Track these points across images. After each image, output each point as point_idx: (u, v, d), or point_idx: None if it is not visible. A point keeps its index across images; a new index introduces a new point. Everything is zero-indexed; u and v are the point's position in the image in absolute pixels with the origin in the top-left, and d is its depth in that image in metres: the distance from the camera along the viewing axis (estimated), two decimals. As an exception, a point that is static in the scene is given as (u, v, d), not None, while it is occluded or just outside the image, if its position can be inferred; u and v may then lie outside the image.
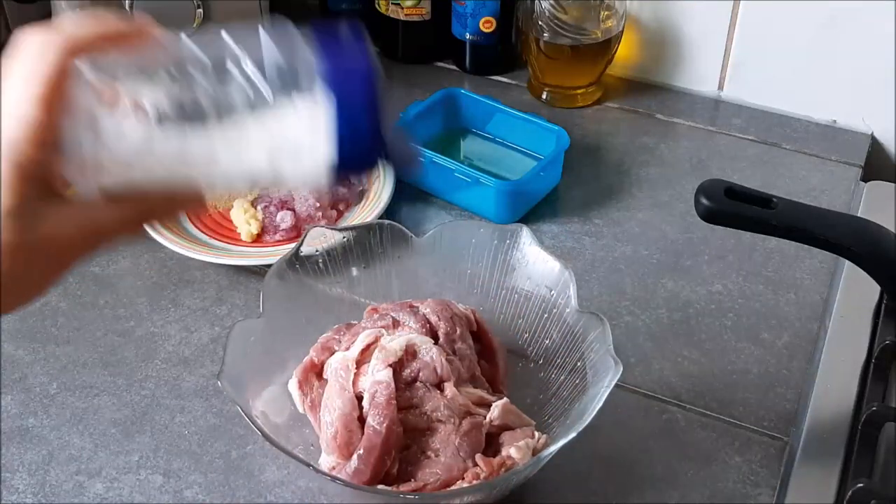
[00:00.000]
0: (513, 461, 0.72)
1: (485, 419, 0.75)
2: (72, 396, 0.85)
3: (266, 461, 0.80)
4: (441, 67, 1.24)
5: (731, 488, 0.79)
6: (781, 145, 1.13)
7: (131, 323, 0.92)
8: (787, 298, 0.95)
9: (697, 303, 0.94)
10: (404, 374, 0.76)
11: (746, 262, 0.98)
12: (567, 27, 1.12)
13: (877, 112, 1.12)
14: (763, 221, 0.81)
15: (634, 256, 0.99)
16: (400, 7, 1.19)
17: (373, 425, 0.73)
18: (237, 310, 0.93)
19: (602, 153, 1.11)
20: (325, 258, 0.85)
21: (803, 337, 0.91)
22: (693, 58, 1.18)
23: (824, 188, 1.07)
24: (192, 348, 0.90)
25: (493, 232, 0.86)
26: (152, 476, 0.80)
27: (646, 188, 1.07)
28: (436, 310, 0.80)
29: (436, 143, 1.07)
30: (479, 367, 0.80)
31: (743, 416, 0.84)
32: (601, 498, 0.78)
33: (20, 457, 0.81)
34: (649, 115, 1.17)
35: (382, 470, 0.73)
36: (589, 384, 0.76)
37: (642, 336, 0.91)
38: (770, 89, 1.16)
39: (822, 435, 0.81)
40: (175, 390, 0.86)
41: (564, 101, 1.18)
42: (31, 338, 0.90)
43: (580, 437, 0.71)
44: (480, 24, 1.17)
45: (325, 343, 0.81)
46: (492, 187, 0.99)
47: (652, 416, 0.84)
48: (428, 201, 1.05)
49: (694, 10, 1.15)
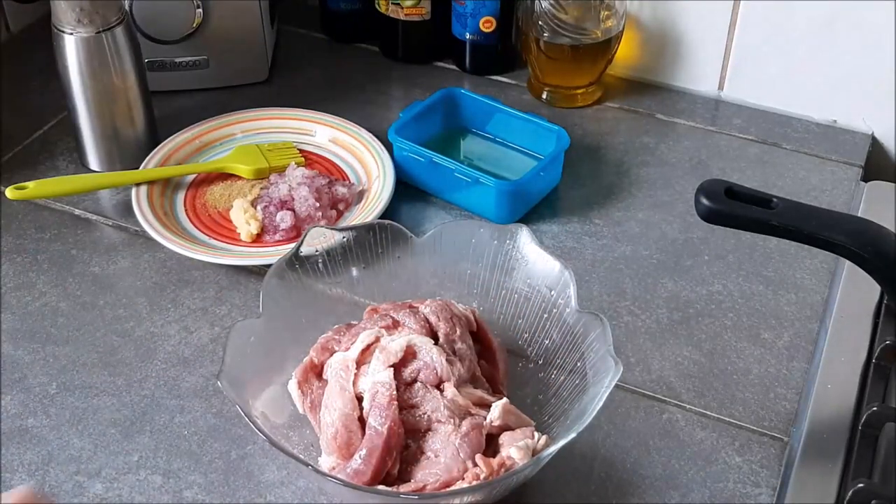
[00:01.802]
0: (513, 461, 0.72)
1: (485, 420, 0.75)
2: (71, 396, 0.85)
3: (266, 461, 0.80)
4: (441, 67, 1.24)
5: (731, 488, 0.79)
6: (781, 145, 1.13)
7: (131, 323, 0.92)
8: (787, 298, 0.95)
9: (697, 303, 0.94)
10: (404, 374, 0.76)
11: (746, 262, 0.98)
12: (567, 27, 1.12)
13: (877, 112, 1.12)
14: (763, 221, 0.80)
15: (634, 256, 0.99)
16: (400, 7, 1.19)
17: (374, 426, 0.73)
18: (237, 310, 0.93)
19: (602, 153, 1.11)
20: (324, 258, 0.85)
21: (803, 337, 0.91)
22: (693, 58, 1.18)
23: (824, 188, 1.07)
24: (191, 348, 0.90)
25: (492, 232, 0.86)
26: (152, 476, 0.80)
27: (646, 188, 1.07)
28: (435, 310, 0.80)
29: (436, 143, 1.07)
30: (479, 368, 0.80)
31: (743, 416, 0.84)
32: (601, 498, 0.78)
33: (20, 457, 0.81)
34: (649, 115, 1.17)
35: (383, 470, 0.73)
36: (589, 384, 0.76)
37: (642, 336, 0.91)
38: (770, 89, 1.16)
39: (822, 435, 0.81)
40: (175, 390, 0.86)
41: (564, 101, 1.18)
42: (31, 338, 0.90)
43: (580, 437, 0.71)
44: (480, 24, 1.17)
45: (324, 343, 0.81)
46: (492, 187, 0.99)
47: (652, 416, 0.84)
48: (428, 201, 1.05)
49: (694, 10, 1.15)
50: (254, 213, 1.00)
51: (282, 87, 1.21)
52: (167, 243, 0.96)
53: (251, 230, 0.99)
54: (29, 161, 1.09)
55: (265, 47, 1.19)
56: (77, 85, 1.01)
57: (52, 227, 1.01)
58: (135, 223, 1.00)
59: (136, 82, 1.04)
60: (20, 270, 0.97)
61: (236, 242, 0.99)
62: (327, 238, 0.85)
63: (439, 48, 1.23)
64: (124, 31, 1.01)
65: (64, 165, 1.09)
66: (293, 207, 0.99)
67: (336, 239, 0.86)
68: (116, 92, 1.03)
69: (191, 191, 1.05)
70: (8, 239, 1.00)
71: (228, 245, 0.99)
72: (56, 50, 1.00)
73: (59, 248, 0.99)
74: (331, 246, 0.85)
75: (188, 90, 1.18)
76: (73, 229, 1.01)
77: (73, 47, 0.99)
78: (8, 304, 0.93)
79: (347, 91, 1.20)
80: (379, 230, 0.86)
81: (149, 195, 1.01)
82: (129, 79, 1.03)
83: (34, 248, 0.99)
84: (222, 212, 1.02)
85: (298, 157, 1.08)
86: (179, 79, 1.17)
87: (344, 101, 1.17)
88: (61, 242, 1.00)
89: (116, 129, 1.05)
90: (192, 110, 1.14)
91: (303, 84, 1.21)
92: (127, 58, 1.02)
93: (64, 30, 0.99)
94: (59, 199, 1.04)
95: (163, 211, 1.01)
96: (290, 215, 0.98)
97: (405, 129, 1.05)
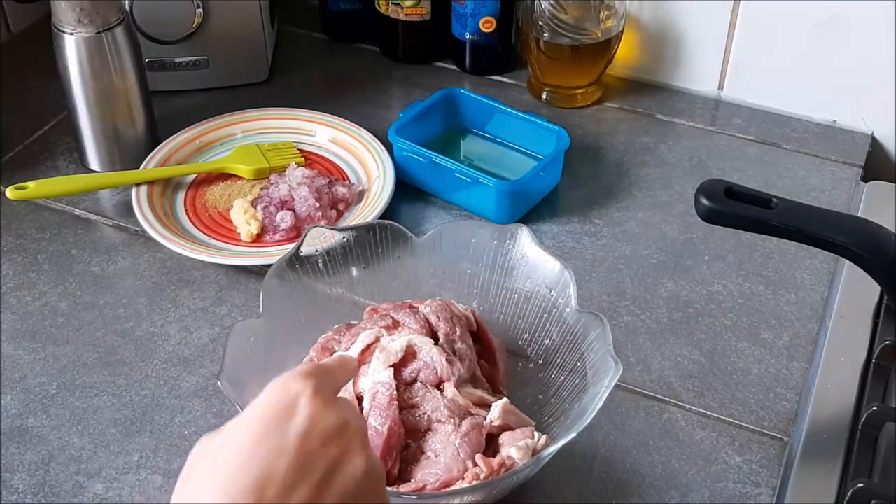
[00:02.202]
0: (513, 461, 0.72)
1: (485, 420, 0.75)
2: (72, 396, 0.85)
3: (266, 461, 0.80)
4: (441, 67, 1.24)
5: (731, 488, 0.79)
6: (781, 145, 1.13)
7: (131, 323, 0.92)
8: (787, 298, 0.95)
9: (697, 303, 0.94)
10: (404, 374, 0.76)
11: (746, 262, 0.98)
12: (567, 27, 1.12)
13: (877, 112, 1.12)
14: (763, 221, 0.81)
15: (634, 256, 0.99)
16: (400, 7, 1.19)
17: (375, 426, 0.73)
18: (237, 310, 0.93)
19: (602, 153, 1.11)
20: (324, 258, 0.85)
21: (803, 337, 0.91)
22: (693, 58, 1.18)
23: (824, 188, 1.07)
24: (191, 348, 0.90)
25: (492, 232, 0.86)
26: (152, 476, 0.80)
27: (645, 188, 1.07)
28: (435, 310, 0.80)
29: (436, 143, 1.07)
30: (479, 368, 0.80)
31: (743, 416, 0.84)
32: (601, 498, 0.78)
33: (20, 457, 0.81)
34: (649, 115, 1.17)
35: (384, 471, 0.73)
36: (589, 384, 0.76)
37: (642, 336, 0.91)
38: (770, 89, 1.16)
39: (822, 435, 0.81)
40: (175, 390, 0.86)
41: (564, 101, 1.18)
42: (31, 338, 0.90)
43: (580, 437, 0.71)
44: (480, 24, 1.17)
45: (324, 343, 0.81)
46: (492, 187, 0.99)
47: (652, 416, 0.84)
48: (428, 201, 1.05)
49: (694, 10, 1.15)
50: (254, 213, 1.00)
51: (282, 87, 1.21)
52: (167, 243, 0.96)
53: (251, 230, 0.99)
54: (29, 161, 1.09)
55: (265, 47, 1.19)
56: (77, 85, 1.01)
57: (52, 227, 1.01)
58: (135, 223, 1.00)
59: (137, 82, 1.04)
60: (20, 270, 0.97)
61: (236, 242, 0.99)
62: (327, 238, 0.85)
63: (439, 48, 1.23)
64: (124, 31, 1.01)
65: (64, 165, 1.09)
66: (293, 207, 0.99)
67: (336, 239, 0.86)
68: (116, 92, 1.03)
69: (191, 191, 1.05)
70: (8, 239, 1.00)
71: (228, 245, 0.99)
72: (56, 50, 1.00)
73: (59, 248, 0.99)
74: (331, 246, 0.85)
75: (188, 90, 1.18)
76: (73, 229, 1.01)
77: (73, 47, 0.99)
78: (8, 304, 0.93)
79: (347, 91, 1.20)
80: (379, 230, 0.86)
81: (149, 195, 1.01)
82: (129, 79, 1.03)
83: (34, 248, 0.99)
84: (222, 212, 1.02)
85: (298, 157, 1.08)
86: (179, 79, 1.17)
87: (344, 101, 1.17)
88: (61, 242, 1.00)
89: (116, 129, 1.05)
90: (192, 110, 1.14)
91: (303, 84, 1.21)
92: (127, 58, 1.02)
93: (64, 30, 0.99)
94: (59, 199, 1.04)
95: (163, 211, 1.01)
96: (290, 215, 0.98)
97: (405, 129, 1.05)
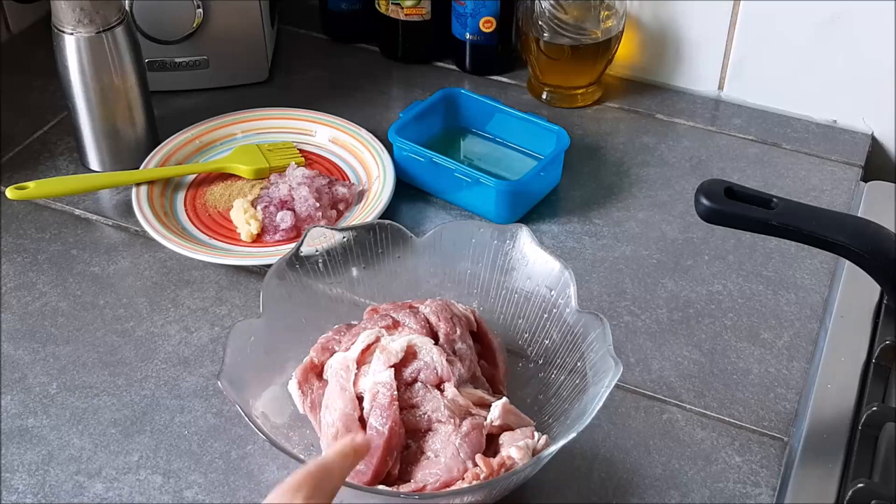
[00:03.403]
0: (513, 461, 0.72)
1: (485, 420, 0.75)
2: (72, 396, 0.85)
3: (266, 461, 0.80)
4: (441, 67, 1.24)
5: (731, 488, 0.79)
6: (781, 145, 1.13)
7: (131, 323, 0.92)
8: (787, 298, 0.95)
9: (697, 303, 0.94)
10: (405, 374, 0.76)
11: (746, 262, 0.98)
12: (567, 27, 1.12)
13: (877, 112, 1.12)
14: (763, 221, 0.81)
15: (634, 256, 0.99)
16: (400, 7, 1.19)
17: (375, 426, 0.73)
18: (237, 310, 0.93)
19: (602, 153, 1.11)
20: (324, 258, 0.85)
21: (803, 337, 0.91)
22: (693, 58, 1.18)
23: (824, 188, 1.07)
24: (191, 348, 0.90)
25: (492, 232, 0.86)
26: (152, 476, 0.80)
27: (645, 188, 1.07)
28: (436, 310, 0.80)
29: (436, 143, 1.07)
30: (479, 368, 0.80)
31: (743, 416, 0.84)
32: (601, 498, 0.78)
33: (20, 457, 0.81)
34: (649, 115, 1.17)
35: (384, 471, 0.73)
36: (589, 384, 0.76)
37: (642, 336, 0.91)
38: (770, 89, 1.16)
39: (822, 435, 0.81)
40: (175, 390, 0.86)
41: (564, 101, 1.18)
42: (31, 338, 0.90)
43: (580, 437, 0.71)
44: (480, 24, 1.17)
45: (325, 343, 0.81)
46: (492, 187, 0.99)
47: (652, 416, 0.84)
48: (428, 201, 1.05)
49: (694, 10, 1.15)
50: (254, 213, 1.00)
51: (282, 87, 1.21)
52: (167, 243, 0.96)
53: (251, 230, 0.99)
54: (29, 161, 1.09)
55: (265, 47, 1.19)
56: (77, 85, 1.01)
57: (52, 227, 1.01)
58: (135, 223, 1.00)
59: (137, 82, 1.04)
60: (20, 270, 0.97)
61: (236, 242, 0.99)
62: (327, 238, 0.85)
63: (439, 48, 1.23)
64: (124, 31, 1.01)
65: (64, 165, 1.09)
66: (293, 207, 0.99)
67: (336, 239, 0.86)
68: (116, 92, 1.03)
69: (191, 191, 1.05)
70: (8, 239, 1.00)
71: (228, 245, 0.99)
72: (56, 50, 1.00)
73: (59, 248, 0.99)
74: (331, 246, 0.85)
75: (188, 90, 1.18)
76: (73, 229, 1.01)
77: (73, 47, 0.99)
78: (8, 304, 0.93)
79: (347, 91, 1.20)
80: (379, 230, 0.86)
81: (149, 195, 1.01)
82: (129, 79, 1.03)
83: (34, 248, 0.99)
84: (222, 212, 1.02)
85: (298, 157, 1.08)
86: (179, 79, 1.17)
87: (344, 101, 1.17)
88: (61, 242, 1.00)
89: (116, 129, 1.05)
90: (192, 110, 1.14)
91: (303, 84, 1.21)
92: (127, 58, 1.02)
93: (64, 30, 0.99)
94: (59, 199, 1.04)
95: (163, 211, 1.01)
96: (290, 215, 0.98)
97: (405, 130, 1.05)
